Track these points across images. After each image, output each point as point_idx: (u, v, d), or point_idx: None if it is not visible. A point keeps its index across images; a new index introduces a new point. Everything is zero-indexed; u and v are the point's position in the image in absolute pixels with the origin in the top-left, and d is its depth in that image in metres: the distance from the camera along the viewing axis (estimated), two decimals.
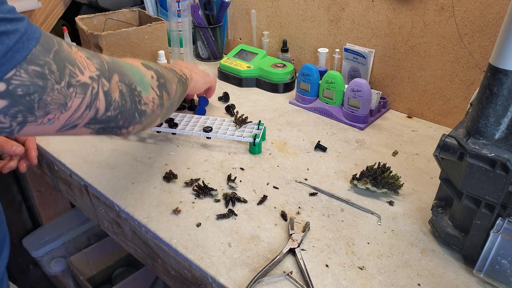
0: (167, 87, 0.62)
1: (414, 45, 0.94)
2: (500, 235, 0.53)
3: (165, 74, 0.63)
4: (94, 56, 0.49)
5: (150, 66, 0.60)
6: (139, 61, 0.59)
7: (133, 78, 0.53)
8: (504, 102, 0.52)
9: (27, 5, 1.17)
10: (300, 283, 0.57)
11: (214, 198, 0.73)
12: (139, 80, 0.55)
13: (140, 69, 0.57)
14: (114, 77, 0.50)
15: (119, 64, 0.53)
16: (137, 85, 0.54)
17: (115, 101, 0.50)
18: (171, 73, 0.67)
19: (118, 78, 0.50)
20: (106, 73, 0.49)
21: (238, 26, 1.32)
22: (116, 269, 1.36)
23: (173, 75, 0.68)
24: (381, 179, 0.72)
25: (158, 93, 0.59)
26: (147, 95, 0.56)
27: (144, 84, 0.56)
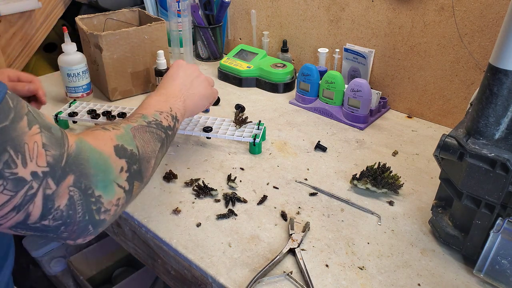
0: (142, 172, 0.53)
1: (414, 45, 0.94)
2: (500, 235, 0.53)
3: (141, 155, 0.53)
4: (56, 146, 0.40)
5: (124, 150, 0.50)
6: (114, 141, 0.49)
7: (94, 180, 0.43)
8: (504, 102, 0.52)
9: (27, 5, 1.17)
10: (300, 283, 0.57)
11: (214, 198, 0.73)
12: (101, 180, 0.45)
13: (110, 161, 0.47)
14: (68, 179, 0.41)
15: (84, 158, 0.43)
16: (98, 189, 0.44)
17: (57, 209, 0.40)
18: (152, 141, 0.57)
19: (72, 180, 0.41)
20: (58, 171, 0.40)
21: (238, 26, 1.32)
22: (116, 269, 1.36)
23: (154, 142, 0.57)
24: (381, 179, 0.72)
25: (127, 187, 0.49)
26: (109, 199, 0.45)
27: (108, 185, 0.46)
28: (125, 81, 1.05)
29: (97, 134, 0.49)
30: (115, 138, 0.50)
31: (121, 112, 0.92)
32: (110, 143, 0.49)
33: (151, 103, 0.64)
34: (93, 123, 0.90)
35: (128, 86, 1.06)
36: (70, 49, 0.98)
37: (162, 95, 0.68)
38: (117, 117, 0.90)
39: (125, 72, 1.04)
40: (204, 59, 1.33)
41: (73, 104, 0.96)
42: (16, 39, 1.22)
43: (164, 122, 0.62)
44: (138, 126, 0.56)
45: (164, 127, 0.61)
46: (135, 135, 0.54)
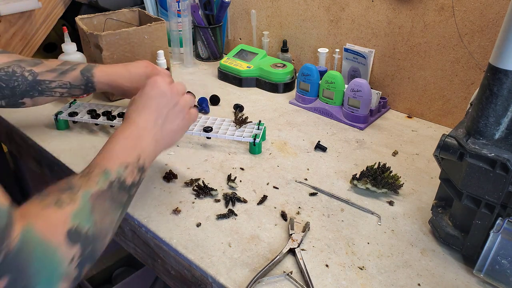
0: (95, 252, 0.47)
1: (414, 45, 0.94)
2: (500, 235, 0.53)
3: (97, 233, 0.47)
4: None
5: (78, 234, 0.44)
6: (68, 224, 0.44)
7: (35, 279, 0.38)
8: (504, 102, 0.52)
9: (27, 5, 1.17)
10: (300, 283, 0.57)
11: (214, 198, 0.73)
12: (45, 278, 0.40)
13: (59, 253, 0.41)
14: (3, 280, 0.36)
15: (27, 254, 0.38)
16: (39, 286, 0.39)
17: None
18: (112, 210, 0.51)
19: (6, 282, 0.36)
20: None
21: (238, 26, 1.32)
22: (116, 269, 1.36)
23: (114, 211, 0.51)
24: (381, 179, 0.72)
25: (76, 274, 0.44)
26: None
27: (53, 281, 0.41)
28: None
29: (47, 218, 0.43)
30: (70, 218, 0.44)
31: (121, 112, 0.92)
32: (63, 228, 0.43)
33: (116, 151, 0.55)
34: (93, 123, 0.90)
35: None
36: (70, 49, 0.98)
37: (131, 135, 0.58)
38: (117, 117, 0.90)
39: None
40: (204, 59, 1.33)
41: (73, 104, 0.96)
42: (16, 39, 1.22)
43: (128, 180, 0.54)
44: (98, 192, 0.49)
45: (127, 187, 0.54)
46: (94, 207, 0.48)
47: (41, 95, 0.78)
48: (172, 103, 0.65)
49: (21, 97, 0.76)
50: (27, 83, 0.75)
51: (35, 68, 0.76)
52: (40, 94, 0.77)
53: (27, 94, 0.76)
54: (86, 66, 0.81)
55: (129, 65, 0.82)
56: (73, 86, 0.79)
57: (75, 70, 0.79)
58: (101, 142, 0.87)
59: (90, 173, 0.51)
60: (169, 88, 0.65)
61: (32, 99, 0.77)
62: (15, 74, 0.74)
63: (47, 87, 0.77)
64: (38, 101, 0.79)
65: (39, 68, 0.77)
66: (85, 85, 0.80)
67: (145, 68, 0.82)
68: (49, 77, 0.77)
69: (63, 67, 0.79)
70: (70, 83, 0.79)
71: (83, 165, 0.80)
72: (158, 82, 0.64)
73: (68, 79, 0.79)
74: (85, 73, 0.80)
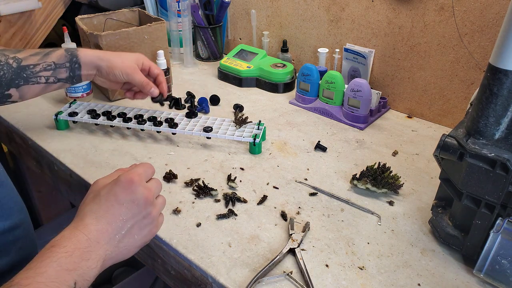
0: None
1: (414, 45, 0.94)
2: (500, 235, 0.53)
3: None
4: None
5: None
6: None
7: None
8: (504, 102, 0.52)
9: (27, 5, 1.17)
10: (300, 283, 0.57)
11: (214, 198, 0.73)
12: None
13: None
14: None
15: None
16: None
17: None
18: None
19: None
20: None
21: (238, 26, 1.32)
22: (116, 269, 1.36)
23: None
24: (381, 179, 0.72)
25: None
26: None
27: None
28: None
29: None
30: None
31: (121, 112, 0.92)
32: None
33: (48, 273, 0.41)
34: (93, 123, 0.90)
35: None
36: None
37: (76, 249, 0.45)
38: (117, 117, 0.90)
39: None
40: (204, 59, 1.33)
41: (73, 104, 0.96)
42: (16, 39, 1.22)
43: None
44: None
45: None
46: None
47: (27, 82, 0.74)
48: (143, 215, 0.51)
49: (7, 87, 0.73)
50: (12, 71, 0.72)
51: (19, 54, 0.74)
52: (25, 82, 0.74)
53: (13, 83, 0.73)
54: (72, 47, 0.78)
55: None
56: (58, 66, 0.76)
57: (59, 50, 0.77)
58: (101, 142, 0.88)
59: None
60: (144, 194, 0.51)
61: (18, 89, 0.74)
62: (0, 63, 0.72)
63: (32, 72, 0.74)
64: (24, 92, 0.75)
65: (22, 53, 0.75)
66: (70, 62, 0.76)
67: (137, 54, 0.83)
68: (33, 61, 0.74)
69: (46, 50, 0.77)
70: (54, 63, 0.76)
71: (83, 165, 0.81)
72: (135, 185, 0.50)
73: (52, 59, 0.76)
74: (70, 50, 0.77)
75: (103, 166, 0.80)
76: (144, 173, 0.53)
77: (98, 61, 0.78)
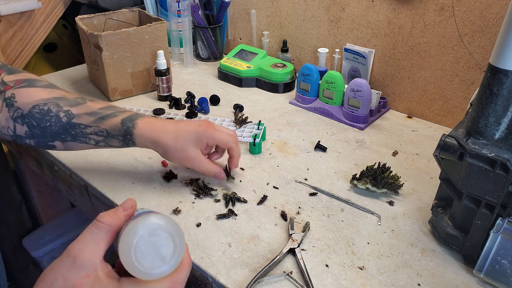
0: None
1: (414, 45, 0.94)
2: (500, 235, 0.53)
3: None
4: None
5: None
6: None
7: None
8: (504, 102, 0.52)
9: (27, 5, 1.17)
10: (300, 283, 0.57)
11: (214, 198, 0.73)
12: None
13: None
14: None
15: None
16: None
17: None
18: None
19: None
20: None
21: (238, 26, 1.32)
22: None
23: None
24: (381, 179, 0.72)
25: None
26: None
27: None
28: (125, 81, 1.05)
29: None
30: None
31: None
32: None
33: None
34: None
35: (128, 86, 1.06)
36: None
37: None
38: None
39: (125, 72, 1.04)
40: (204, 59, 1.33)
41: None
42: (16, 39, 1.22)
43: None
44: None
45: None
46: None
47: (74, 140, 0.69)
48: None
49: (51, 139, 0.68)
50: (60, 125, 0.67)
51: (74, 109, 0.68)
52: (73, 139, 0.68)
53: (59, 137, 0.68)
54: (130, 115, 0.70)
55: (180, 121, 0.72)
56: (110, 135, 0.68)
57: (116, 117, 0.69)
58: None
59: None
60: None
61: (64, 143, 0.69)
62: (50, 113, 0.66)
63: (81, 132, 0.68)
64: (70, 146, 0.70)
65: (78, 109, 0.68)
66: (124, 137, 0.69)
67: (198, 126, 0.71)
68: (85, 121, 0.68)
69: (104, 112, 0.69)
70: (107, 131, 0.68)
71: (83, 165, 0.81)
72: None
73: (105, 126, 0.68)
74: (126, 123, 0.68)
75: (103, 166, 0.80)
76: None
77: (152, 146, 0.70)
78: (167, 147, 0.69)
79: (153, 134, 0.69)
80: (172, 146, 0.69)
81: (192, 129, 0.70)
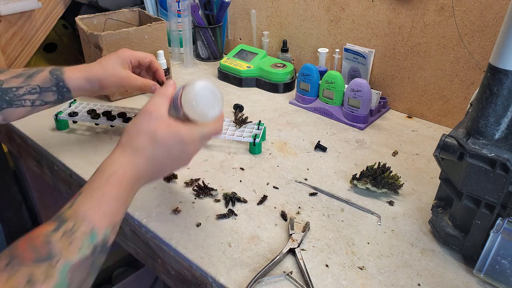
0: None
1: (414, 45, 0.94)
2: (500, 235, 0.53)
3: None
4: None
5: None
6: None
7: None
8: (504, 102, 0.52)
9: (27, 5, 1.17)
10: (300, 283, 0.57)
11: (214, 198, 0.73)
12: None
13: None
14: None
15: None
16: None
17: None
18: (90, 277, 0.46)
19: None
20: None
21: (238, 26, 1.32)
22: (116, 269, 1.36)
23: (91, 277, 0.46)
24: (381, 179, 0.72)
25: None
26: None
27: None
28: None
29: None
30: None
31: (121, 112, 0.92)
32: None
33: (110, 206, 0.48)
34: (93, 123, 0.90)
35: None
36: None
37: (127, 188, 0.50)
38: (117, 117, 0.90)
39: None
40: (204, 59, 1.33)
41: (73, 104, 0.96)
42: (16, 39, 1.22)
43: (110, 241, 0.48)
44: (80, 262, 0.43)
45: (107, 248, 0.48)
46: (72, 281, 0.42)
47: (10, 105, 0.69)
48: (182, 164, 0.57)
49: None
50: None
51: (0, 76, 0.69)
52: (8, 105, 0.69)
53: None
54: (56, 67, 0.73)
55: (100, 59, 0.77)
56: (43, 89, 0.71)
57: (44, 71, 0.72)
58: (101, 142, 0.88)
59: (74, 231, 0.44)
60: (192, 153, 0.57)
61: (1, 111, 0.69)
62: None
63: (15, 96, 0.69)
64: (8, 114, 0.70)
65: (3, 75, 0.69)
66: (56, 86, 0.71)
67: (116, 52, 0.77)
68: (15, 83, 0.69)
69: (29, 71, 0.72)
70: (39, 86, 0.70)
71: (82, 165, 0.81)
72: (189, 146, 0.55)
73: (36, 82, 0.70)
74: (54, 72, 0.72)
75: None
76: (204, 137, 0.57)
77: (86, 84, 0.74)
78: (99, 76, 0.73)
79: (82, 72, 0.73)
80: (104, 74, 0.73)
81: (113, 55, 0.76)
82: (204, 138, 0.57)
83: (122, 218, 0.50)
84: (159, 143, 0.52)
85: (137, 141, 0.52)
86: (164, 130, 0.53)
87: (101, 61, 0.76)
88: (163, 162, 0.54)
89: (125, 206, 0.50)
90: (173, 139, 0.53)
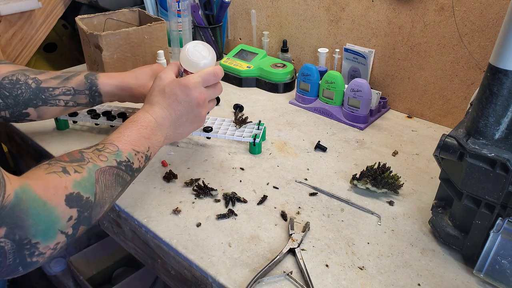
0: (92, 217, 0.53)
1: (414, 45, 0.94)
2: (500, 235, 0.53)
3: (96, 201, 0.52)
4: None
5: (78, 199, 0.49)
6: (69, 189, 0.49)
7: (32, 230, 0.44)
8: (504, 102, 0.52)
9: (27, 5, 1.17)
10: (300, 283, 0.57)
11: (214, 198, 0.73)
12: (42, 230, 0.45)
13: (57, 211, 0.47)
14: (1, 230, 0.41)
15: (23, 210, 0.43)
16: (36, 237, 0.45)
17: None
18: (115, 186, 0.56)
19: (5, 232, 0.42)
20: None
21: (238, 26, 1.32)
22: (116, 269, 1.36)
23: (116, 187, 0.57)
24: (381, 179, 0.72)
25: (71, 232, 0.49)
26: (47, 244, 0.46)
27: (50, 233, 0.46)
28: None
29: (49, 181, 0.48)
30: (71, 185, 0.49)
31: (121, 112, 0.92)
32: (63, 192, 0.48)
33: (132, 137, 0.61)
34: (93, 123, 0.90)
35: None
36: None
37: (148, 126, 0.64)
38: (117, 117, 0.90)
39: None
40: None
41: None
42: (16, 39, 1.22)
43: (135, 164, 0.60)
44: (106, 168, 0.54)
45: (133, 169, 0.60)
46: (98, 180, 0.53)
47: (45, 104, 0.75)
48: (194, 113, 0.69)
49: (24, 106, 0.74)
50: (30, 91, 0.73)
51: (39, 76, 0.75)
52: (43, 103, 0.75)
53: (31, 103, 0.74)
54: (91, 72, 0.79)
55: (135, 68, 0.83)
56: (77, 92, 0.77)
57: (79, 75, 0.78)
58: None
59: (103, 149, 0.56)
60: (197, 98, 0.68)
61: (36, 109, 0.75)
62: (19, 82, 0.72)
63: (51, 95, 0.75)
64: (43, 112, 0.76)
65: (43, 75, 0.75)
66: (89, 90, 0.78)
67: (150, 66, 0.83)
68: (52, 84, 0.75)
69: (66, 74, 0.78)
70: (73, 89, 0.77)
71: None
72: (190, 90, 0.67)
73: (71, 84, 0.77)
74: (89, 77, 0.78)
75: None
76: (202, 81, 0.68)
77: (118, 91, 0.80)
78: (131, 85, 0.79)
79: (115, 79, 0.79)
80: (136, 84, 0.79)
81: (147, 67, 0.82)
82: (204, 81, 0.68)
83: (149, 153, 0.62)
84: (167, 94, 0.67)
85: (152, 98, 0.67)
86: (171, 84, 0.67)
87: (135, 71, 0.82)
88: (177, 108, 0.67)
89: (149, 141, 0.62)
90: (177, 87, 0.66)
